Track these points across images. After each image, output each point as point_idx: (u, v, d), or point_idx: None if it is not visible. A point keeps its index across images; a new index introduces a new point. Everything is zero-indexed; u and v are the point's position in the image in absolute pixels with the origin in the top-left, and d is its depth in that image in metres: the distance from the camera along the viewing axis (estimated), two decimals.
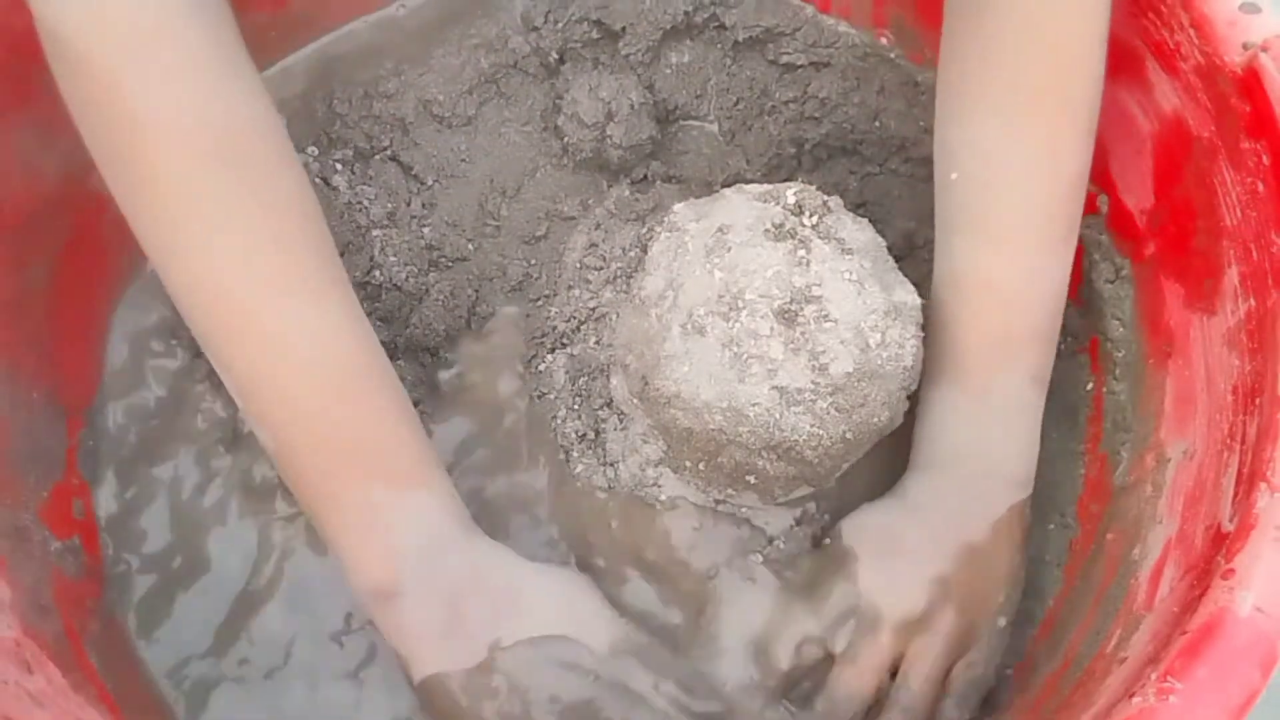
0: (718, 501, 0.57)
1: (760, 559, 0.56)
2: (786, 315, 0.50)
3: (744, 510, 0.57)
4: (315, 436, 0.49)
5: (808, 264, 0.51)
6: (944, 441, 0.56)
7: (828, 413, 0.50)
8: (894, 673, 0.54)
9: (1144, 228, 0.57)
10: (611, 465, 0.58)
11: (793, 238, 0.52)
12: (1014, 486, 0.55)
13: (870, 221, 0.55)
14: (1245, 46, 0.47)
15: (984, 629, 0.54)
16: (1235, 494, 0.45)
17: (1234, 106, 0.48)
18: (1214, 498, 0.47)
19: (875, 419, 0.51)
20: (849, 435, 0.51)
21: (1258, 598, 0.39)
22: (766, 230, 0.52)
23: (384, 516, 0.50)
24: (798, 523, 0.58)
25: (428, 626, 0.50)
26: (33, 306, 0.56)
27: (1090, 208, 0.59)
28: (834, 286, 0.51)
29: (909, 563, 0.54)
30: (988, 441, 0.55)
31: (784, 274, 0.50)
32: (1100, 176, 0.58)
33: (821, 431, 0.50)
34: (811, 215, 0.53)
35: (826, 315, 0.50)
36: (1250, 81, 0.47)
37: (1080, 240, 0.59)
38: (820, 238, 0.52)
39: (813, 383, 0.50)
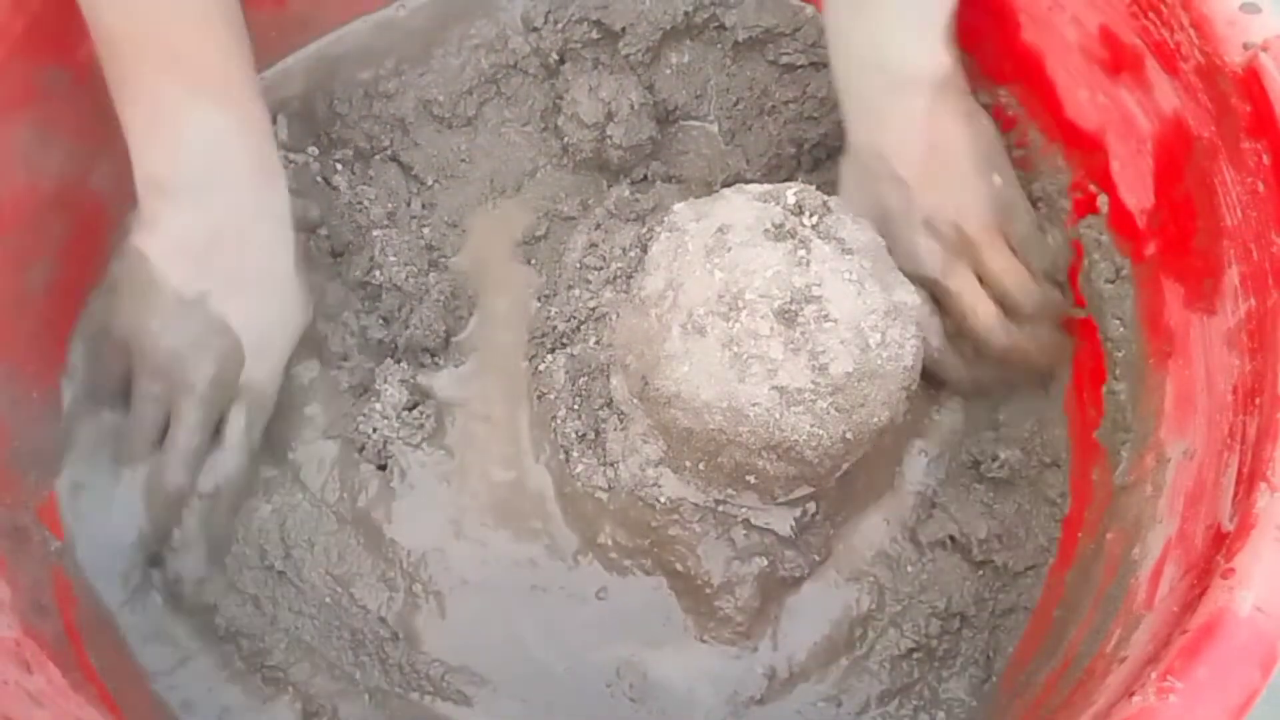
0: (718, 501, 0.57)
1: (767, 563, 0.56)
2: (786, 315, 0.50)
3: (744, 510, 0.57)
4: (123, 21, 0.50)
5: (808, 264, 0.51)
6: (847, 60, 0.58)
7: (828, 413, 0.50)
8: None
9: (1144, 227, 0.56)
10: (611, 465, 0.58)
11: (793, 238, 0.52)
12: (928, 73, 0.56)
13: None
14: (1245, 46, 0.47)
15: (983, 196, 0.57)
16: (1235, 493, 0.45)
17: (1234, 106, 0.48)
18: (1214, 497, 0.47)
19: (875, 419, 0.51)
20: (849, 435, 0.51)
21: (1258, 597, 0.38)
22: (766, 230, 0.52)
23: (173, 116, 0.51)
24: (798, 523, 0.58)
25: (173, 233, 0.53)
26: (33, 306, 0.56)
27: (1091, 207, 0.59)
28: (834, 286, 0.51)
29: (901, 225, 0.57)
30: (883, 37, 0.56)
31: (784, 274, 0.50)
32: (1101, 176, 0.58)
33: (821, 431, 0.50)
34: (811, 215, 0.53)
35: (826, 315, 0.50)
36: (1250, 81, 0.47)
37: (1080, 240, 0.60)
38: (820, 238, 0.52)
39: (813, 383, 0.50)
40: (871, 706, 0.58)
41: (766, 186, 0.55)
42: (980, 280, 0.58)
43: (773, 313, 0.50)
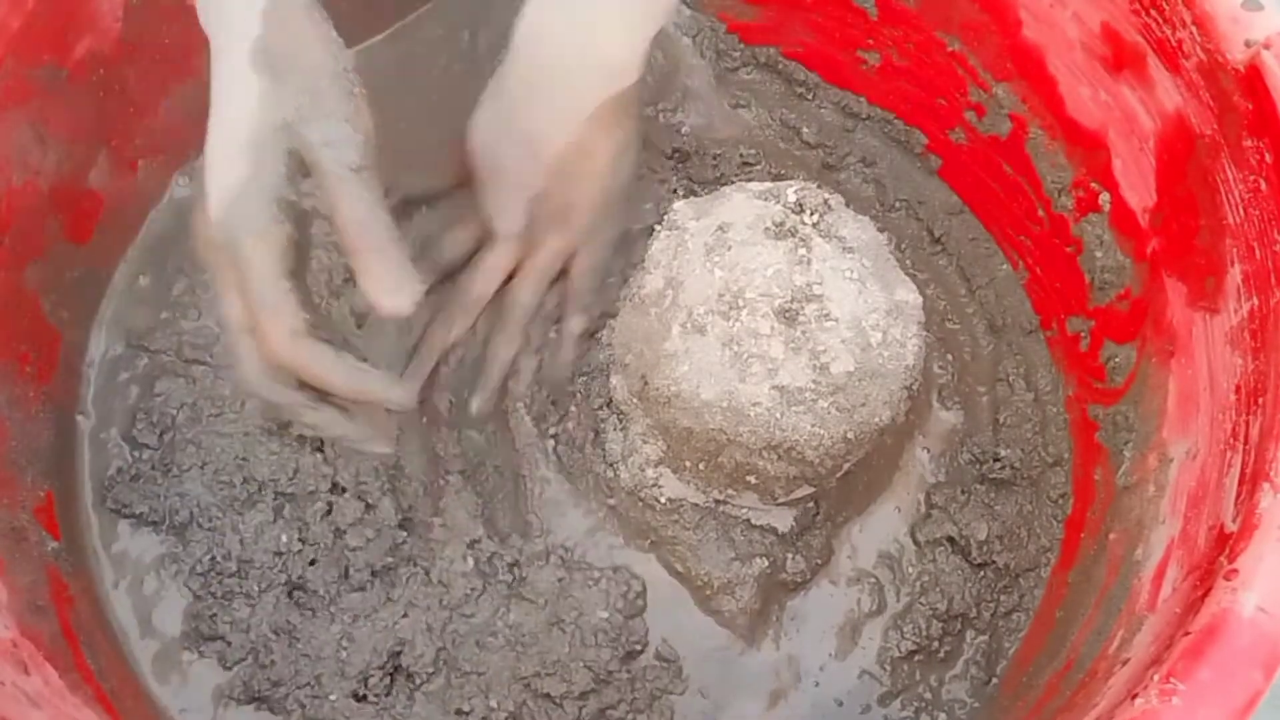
0: (718, 502, 0.57)
1: (767, 564, 0.56)
2: (787, 314, 0.50)
3: (745, 511, 0.57)
4: None
5: (808, 262, 0.51)
6: (532, 20, 0.54)
7: (829, 412, 0.50)
8: None
9: (1146, 226, 0.56)
10: (611, 465, 0.58)
11: (793, 236, 0.51)
12: (607, 74, 0.53)
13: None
14: (1247, 44, 0.47)
15: (586, 224, 0.58)
16: (1238, 494, 0.45)
17: (1236, 104, 0.48)
18: (1217, 498, 0.47)
19: (876, 418, 0.51)
20: (850, 435, 0.51)
21: (1261, 598, 0.38)
22: (767, 229, 0.52)
23: None
24: (799, 523, 0.57)
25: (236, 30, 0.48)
26: (30, 305, 0.56)
27: (1093, 205, 0.59)
28: (835, 285, 0.50)
29: (512, 186, 0.57)
30: (572, 23, 0.52)
31: (784, 272, 0.50)
32: (1103, 174, 0.58)
33: (822, 431, 0.50)
34: (812, 213, 0.52)
35: (827, 314, 0.50)
36: (1252, 79, 0.46)
37: (1082, 238, 0.59)
38: (821, 236, 0.52)
39: (813, 382, 0.49)
40: (873, 708, 0.57)
41: (767, 184, 0.55)
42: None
43: (773, 311, 0.50)
